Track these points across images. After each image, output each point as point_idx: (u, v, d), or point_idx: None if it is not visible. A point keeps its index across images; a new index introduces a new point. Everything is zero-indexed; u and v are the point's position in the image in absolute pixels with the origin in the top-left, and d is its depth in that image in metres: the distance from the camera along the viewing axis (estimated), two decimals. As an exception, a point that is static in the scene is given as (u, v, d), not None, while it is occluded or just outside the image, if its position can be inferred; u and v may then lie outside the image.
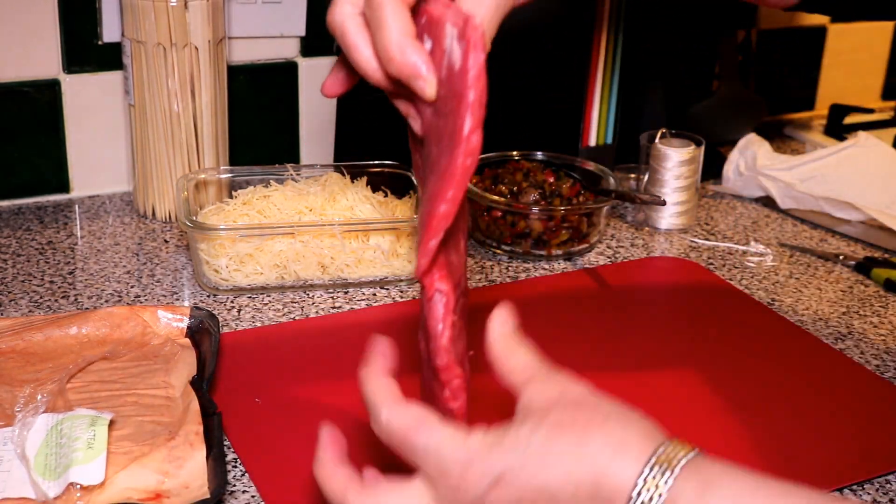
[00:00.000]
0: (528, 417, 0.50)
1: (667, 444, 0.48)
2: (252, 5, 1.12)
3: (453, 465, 0.50)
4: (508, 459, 0.49)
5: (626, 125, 1.18)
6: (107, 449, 0.63)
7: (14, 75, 1.05)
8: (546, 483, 0.48)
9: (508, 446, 0.49)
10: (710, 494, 0.46)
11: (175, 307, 0.81)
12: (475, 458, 0.50)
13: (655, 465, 0.47)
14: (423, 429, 0.51)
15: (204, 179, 1.01)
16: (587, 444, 0.48)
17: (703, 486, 0.46)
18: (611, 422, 0.49)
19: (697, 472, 0.47)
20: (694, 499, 0.46)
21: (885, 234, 1.09)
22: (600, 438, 0.48)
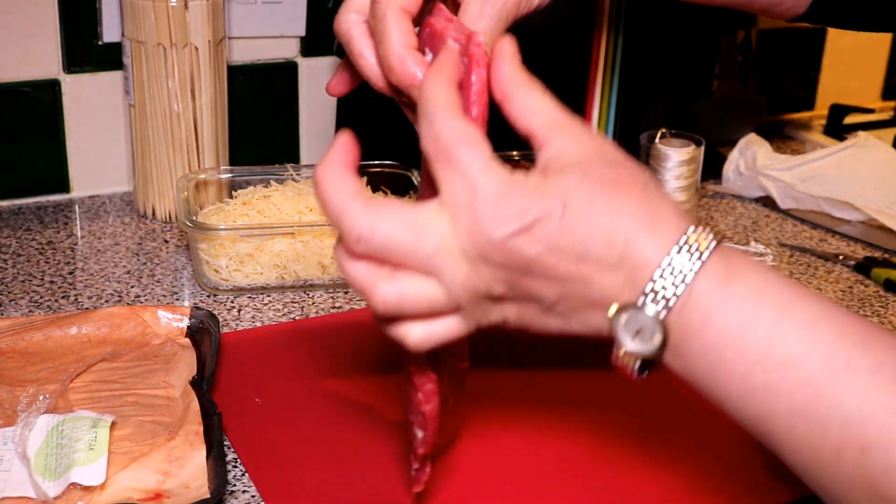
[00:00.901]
0: (570, 169, 0.47)
1: (699, 228, 0.47)
2: (252, 5, 1.12)
3: (488, 193, 0.46)
4: (548, 205, 0.46)
5: (626, 125, 1.18)
6: (108, 451, 0.63)
7: (14, 75, 1.05)
8: (582, 237, 0.46)
9: (550, 192, 0.46)
10: (733, 281, 0.46)
11: (175, 307, 0.81)
12: (512, 195, 0.46)
13: (686, 244, 0.46)
14: (473, 147, 0.47)
15: (204, 179, 1.01)
16: (628, 207, 0.47)
17: (727, 273, 0.46)
18: (650, 188, 0.48)
19: (724, 260, 0.46)
20: (717, 282, 0.46)
21: (885, 234, 1.09)
22: (641, 204, 0.47)
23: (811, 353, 0.44)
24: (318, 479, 0.66)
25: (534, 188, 0.47)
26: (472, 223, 0.46)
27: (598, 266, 0.46)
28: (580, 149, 0.48)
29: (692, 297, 0.46)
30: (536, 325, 0.50)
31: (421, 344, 0.50)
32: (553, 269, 0.47)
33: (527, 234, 0.46)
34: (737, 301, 0.45)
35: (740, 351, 0.45)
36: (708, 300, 0.46)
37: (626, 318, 0.47)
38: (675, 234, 0.46)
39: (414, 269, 0.48)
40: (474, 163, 0.47)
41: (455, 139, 0.47)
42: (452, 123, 0.48)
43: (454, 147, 0.47)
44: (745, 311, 0.45)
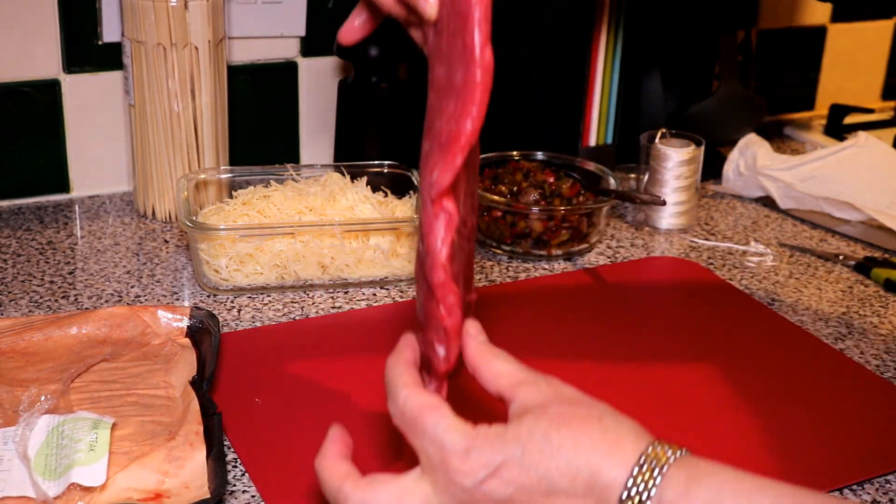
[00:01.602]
0: (527, 413, 0.52)
1: (656, 444, 0.50)
2: (252, 5, 1.12)
3: (455, 450, 0.51)
4: (509, 451, 0.51)
5: (626, 125, 1.18)
6: (109, 452, 0.63)
7: (14, 75, 1.05)
8: (545, 473, 0.50)
9: (510, 438, 0.51)
10: (694, 489, 0.48)
11: (175, 307, 0.81)
12: (476, 447, 0.51)
13: (646, 462, 0.49)
14: (434, 413, 0.53)
15: (204, 179, 1.01)
16: (585, 439, 0.50)
17: (689, 481, 0.48)
18: (606, 419, 0.51)
19: (684, 469, 0.49)
20: (680, 492, 0.48)
21: (885, 234, 1.09)
22: (597, 434, 0.50)
23: None
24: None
25: (495, 436, 0.51)
26: (447, 478, 0.51)
27: (567, 497, 0.50)
28: (539, 396, 0.53)
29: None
30: None
31: None
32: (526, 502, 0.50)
33: (495, 478, 0.50)
34: (703, 502, 0.48)
35: None
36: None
37: None
38: (634, 455, 0.49)
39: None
40: (439, 426, 0.52)
41: (419, 410, 0.53)
42: (416, 395, 0.54)
43: (419, 416, 0.53)
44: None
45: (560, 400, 0.53)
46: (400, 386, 0.55)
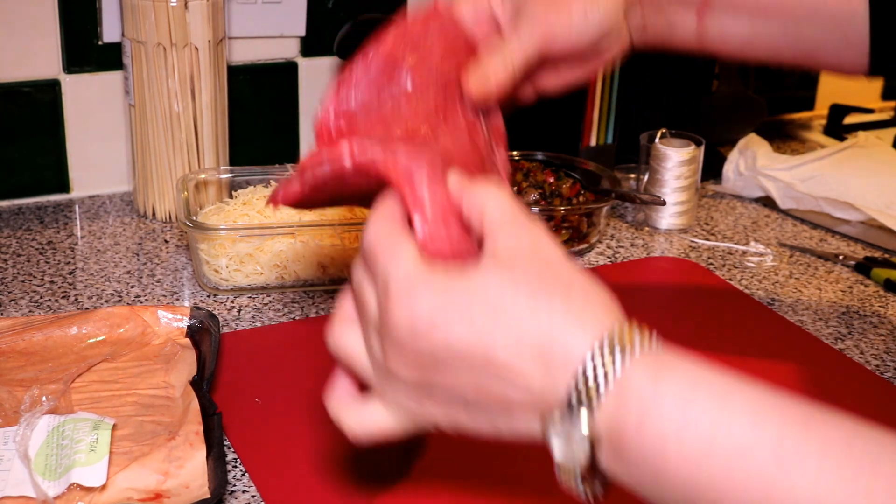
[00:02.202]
0: (490, 263, 0.47)
1: (625, 325, 0.45)
2: (252, 5, 1.12)
3: (399, 286, 0.47)
4: (457, 299, 0.46)
5: (626, 125, 1.18)
6: (109, 453, 0.63)
7: (14, 75, 1.05)
8: (489, 329, 0.45)
9: (460, 286, 0.47)
10: (664, 381, 0.43)
11: (175, 307, 0.81)
12: (422, 288, 0.47)
13: (612, 342, 0.44)
14: (396, 239, 0.49)
15: (204, 179, 1.01)
16: (545, 303, 0.45)
17: (659, 372, 0.44)
18: (574, 289, 0.46)
19: (655, 360, 0.44)
20: (647, 384, 0.43)
21: (885, 234, 1.09)
22: (559, 301, 0.45)
23: (757, 443, 0.42)
24: (318, 479, 0.66)
25: (444, 283, 0.47)
26: (386, 315, 0.48)
27: (509, 357, 0.45)
28: (514, 243, 0.48)
29: (623, 401, 0.43)
30: (468, 427, 0.49)
31: (357, 434, 0.52)
32: (461, 361, 0.46)
33: (431, 327, 0.46)
34: (672, 399, 0.43)
35: (684, 451, 0.42)
36: (640, 405, 0.43)
37: (557, 424, 0.45)
38: (600, 332, 0.44)
39: (362, 328, 0.51)
40: (394, 250, 0.49)
41: (383, 234, 0.50)
42: (386, 224, 0.50)
43: (379, 241, 0.50)
44: (683, 409, 0.43)
45: (532, 257, 0.47)
46: (377, 217, 0.51)
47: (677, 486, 0.43)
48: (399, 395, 0.50)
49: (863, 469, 0.40)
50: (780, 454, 0.41)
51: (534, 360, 0.45)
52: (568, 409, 0.44)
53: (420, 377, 0.48)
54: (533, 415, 0.46)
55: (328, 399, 0.54)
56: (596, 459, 0.45)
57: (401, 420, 0.51)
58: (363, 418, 0.52)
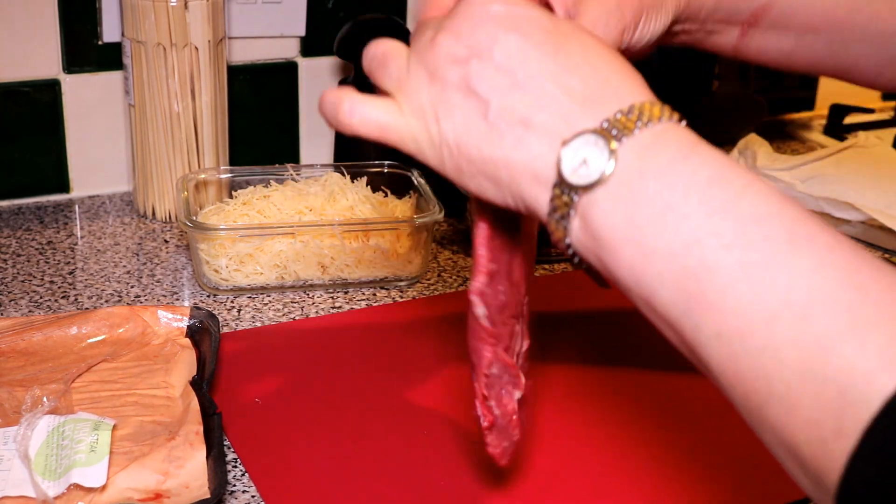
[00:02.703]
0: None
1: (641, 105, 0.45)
2: (252, 5, 1.12)
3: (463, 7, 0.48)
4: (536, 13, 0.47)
5: (626, 125, 1.17)
6: (110, 454, 0.63)
7: (14, 75, 1.05)
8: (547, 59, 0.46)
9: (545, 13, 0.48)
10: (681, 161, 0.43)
11: (175, 307, 0.81)
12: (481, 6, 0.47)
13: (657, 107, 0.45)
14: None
15: (204, 179, 1.01)
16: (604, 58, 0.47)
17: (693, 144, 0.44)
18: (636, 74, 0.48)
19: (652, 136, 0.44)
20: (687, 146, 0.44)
21: (885, 234, 1.09)
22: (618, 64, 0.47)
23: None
24: (318, 479, 0.66)
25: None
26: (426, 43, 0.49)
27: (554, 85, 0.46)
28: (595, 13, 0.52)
29: (660, 140, 0.44)
30: (470, 149, 0.48)
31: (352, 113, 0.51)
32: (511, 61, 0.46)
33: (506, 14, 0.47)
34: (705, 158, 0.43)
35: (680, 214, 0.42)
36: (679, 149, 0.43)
37: (579, 143, 0.44)
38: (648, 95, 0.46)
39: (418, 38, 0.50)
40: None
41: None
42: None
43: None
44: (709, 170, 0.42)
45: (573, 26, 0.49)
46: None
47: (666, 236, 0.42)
48: (422, 87, 0.49)
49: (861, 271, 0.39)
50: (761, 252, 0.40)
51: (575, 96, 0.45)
52: (599, 134, 0.44)
53: (463, 54, 0.47)
54: (554, 136, 0.45)
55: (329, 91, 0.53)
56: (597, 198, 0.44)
57: (408, 123, 0.50)
58: (370, 106, 0.51)
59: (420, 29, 0.51)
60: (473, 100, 0.47)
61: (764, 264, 0.40)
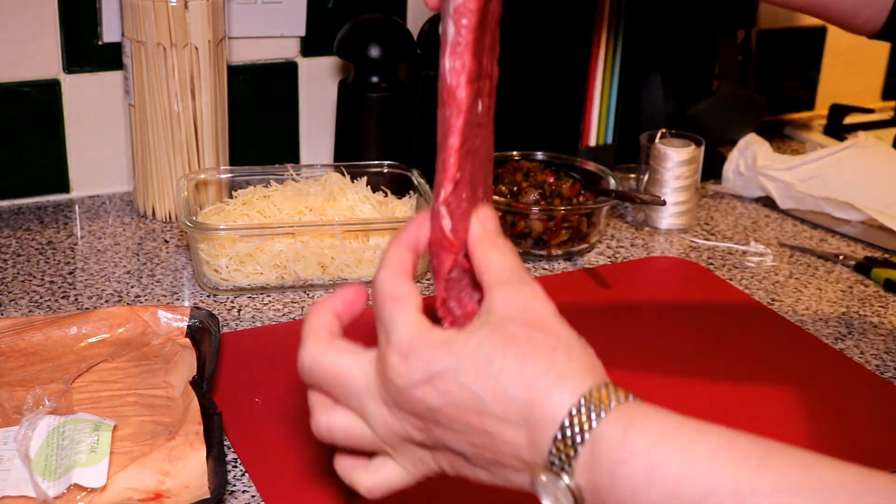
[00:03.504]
0: (485, 325, 0.50)
1: (604, 386, 0.48)
2: (252, 5, 1.12)
3: (398, 347, 0.50)
4: (449, 361, 0.49)
5: (626, 125, 1.18)
6: (110, 454, 0.63)
7: (14, 75, 1.05)
8: (480, 393, 0.49)
9: (455, 349, 0.50)
10: (633, 432, 0.46)
11: (175, 307, 0.81)
12: (418, 351, 0.50)
13: (588, 402, 0.47)
14: (396, 304, 0.52)
15: (204, 179, 1.01)
16: (528, 368, 0.48)
17: (628, 424, 0.47)
18: (559, 352, 0.49)
19: (626, 413, 0.47)
20: (618, 435, 0.46)
21: (885, 234, 1.09)
22: (543, 365, 0.48)
23: (717, 486, 0.44)
24: (318, 479, 0.66)
25: (441, 344, 0.50)
26: (383, 372, 0.51)
27: (498, 421, 0.49)
28: (507, 306, 0.51)
29: (596, 456, 0.47)
30: (470, 476, 0.52)
31: (372, 493, 0.55)
32: (456, 421, 0.49)
33: (427, 385, 0.49)
34: (639, 451, 0.46)
35: (651, 498, 0.45)
36: (611, 457, 0.46)
37: (544, 482, 0.48)
38: (574, 395, 0.48)
39: (349, 406, 0.53)
40: (394, 318, 0.51)
41: (385, 296, 0.52)
42: (387, 282, 0.53)
43: (383, 302, 0.52)
44: (649, 459, 0.46)
45: (524, 319, 0.50)
46: (383, 266, 0.54)
47: None
48: (408, 448, 0.53)
49: (815, 499, 0.43)
50: (738, 492, 0.44)
51: (519, 426, 0.48)
52: (551, 469, 0.48)
53: (425, 430, 0.51)
54: (524, 472, 0.50)
55: (338, 466, 0.57)
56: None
57: (411, 471, 0.54)
58: (378, 478, 0.55)
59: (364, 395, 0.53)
60: (453, 453, 0.52)
61: None
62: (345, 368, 0.53)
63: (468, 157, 0.56)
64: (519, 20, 1.14)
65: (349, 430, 0.54)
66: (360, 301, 0.57)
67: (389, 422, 0.52)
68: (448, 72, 0.55)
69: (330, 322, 0.55)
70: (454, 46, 0.54)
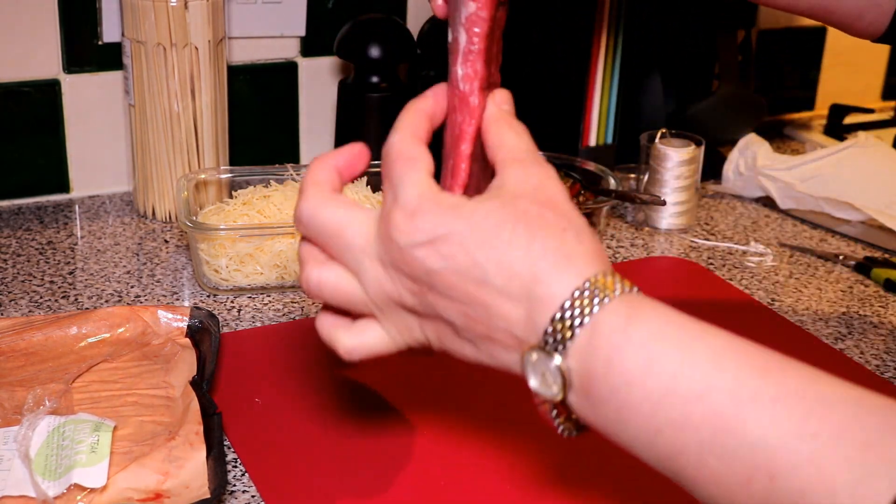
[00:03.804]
0: (497, 197, 0.50)
1: (610, 274, 0.48)
2: (252, 5, 1.12)
3: (404, 205, 0.49)
4: (456, 226, 0.48)
5: (626, 125, 1.18)
6: (110, 455, 0.63)
7: (14, 75, 1.05)
8: (483, 262, 0.48)
9: (464, 214, 0.49)
10: (635, 322, 0.46)
11: (175, 307, 0.81)
12: (425, 211, 0.49)
13: (590, 288, 0.47)
14: (407, 163, 0.51)
15: (204, 179, 1.01)
16: (537, 244, 0.48)
17: (631, 314, 0.46)
18: (569, 233, 0.48)
19: (629, 304, 0.47)
20: (619, 323, 0.46)
21: (885, 234, 1.09)
22: (552, 243, 0.48)
23: (715, 386, 0.44)
24: (318, 479, 0.66)
25: (449, 208, 0.49)
26: (386, 230, 0.50)
27: (498, 294, 0.47)
28: (520, 183, 0.50)
29: (594, 341, 0.46)
30: (454, 350, 0.51)
31: (351, 353, 0.54)
32: (453, 288, 0.48)
33: (430, 247, 0.48)
34: (640, 341, 0.45)
35: (646, 390, 0.45)
36: (610, 343, 0.45)
37: (534, 361, 0.47)
38: (580, 278, 0.47)
39: (343, 263, 0.52)
40: (404, 177, 0.50)
41: (397, 155, 0.52)
42: (401, 142, 0.52)
43: (394, 162, 0.51)
44: (649, 351, 0.45)
45: (537, 195, 0.50)
46: (398, 128, 0.53)
47: (640, 424, 0.45)
48: (397, 312, 0.51)
49: (813, 413, 0.42)
50: (735, 398, 0.43)
51: (519, 301, 0.47)
52: (544, 348, 0.46)
53: (418, 294, 0.50)
54: (513, 350, 0.48)
55: (319, 324, 0.55)
56: (567, 398, 0.47)
57: (395, 338, 0.53)
58: (359, 338, 0.53)
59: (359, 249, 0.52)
60: (442, 323, 0.50)
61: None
62: (344, 223, 0.51)
63: (475, 162, 0.57)
64: (520, 21, 1.14)
65: (339, 287, 0.52)
66: (363, 160, 0.55)
67: (383, 282, 0.50)
68: (461, 79, 0.55)
69: (332, 177, 0.54)
70: (466, 54, 0.55)
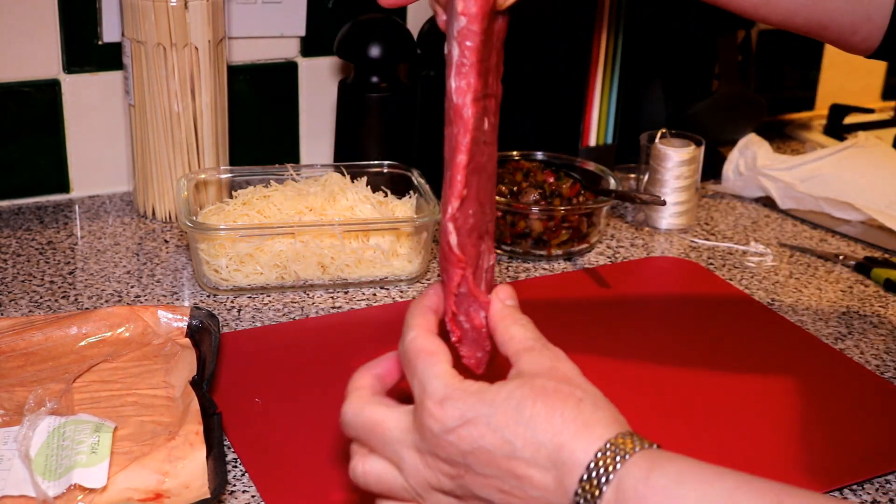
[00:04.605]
0: (515, 379, 0.54)
1: (628, 434, 0.51)
2: (252, 5, 1.12)
3: (433, 396, 0.53)
4: (481, 409, 0.52)
5: (626, 125, 1.18)
6: (110, 455, 0.63)
7: (14, 75, 1.05)
8: (510, 438, 0.51)
9: (488, 397, 0.53)
10: (655, 475, 0.49)
11: (175, 307, 0.81)
12: (453, 398, 0.53)
13: (611, 448, 0.50)
14: (429, 358, 0.55)
15: (204, 179, 1.01)
16: (557, 416, 0.51)
17: (651, 466, 0.49)
18: (585, 403, 0.52)
19: (648, 457, 0.50)
20: (641, 475, 0.49)
21: (885, 234, 1.09)
22: (571, 414, 0.51)
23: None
24: (318, 479, 0.66)
25: (474, 393, 0.53)
26: (421, 419, 0.54)
27: (528, 465, 0.51)
28: (535, 365, 0.55)
29: (620, 495, 0.49)
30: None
31: None
32: (487, 466, 0.52)
33: (462, 431, 0.52)
34: (661, 488, 0.49)
35: None
36: (636, 493, 0.49)
37: None
38: (601, 440, 0.50)
39: (385, 456, 0.56)
40: (428, 370, 0.55)
41: (417, 352, 0.56)
42: (418, 339, 0.56)
43: (415, 358, 0.55)
44: (671, 494, 0.48)
45: (551, 374, 0.54)
46: (411, 326, 0.57)
47: None
48: (437, 498, 0.55)
49: None
50: None
51: (548, 469, 0.51)
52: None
53: (455, 476, 0.54)
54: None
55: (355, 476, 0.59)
56: None
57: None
58: None
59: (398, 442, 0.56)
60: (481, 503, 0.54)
61: None
62: (382, 420, 0.56)
63: (475, 174, 0.58)
64: (521, 22, 1.14)
65: (382, 477, 0.56)
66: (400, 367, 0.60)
67: (422, 469, 0.55)
68: (454, 91, 0.56)
69: (372, 382, 0.59)
70: (459, 67, 0.56)
